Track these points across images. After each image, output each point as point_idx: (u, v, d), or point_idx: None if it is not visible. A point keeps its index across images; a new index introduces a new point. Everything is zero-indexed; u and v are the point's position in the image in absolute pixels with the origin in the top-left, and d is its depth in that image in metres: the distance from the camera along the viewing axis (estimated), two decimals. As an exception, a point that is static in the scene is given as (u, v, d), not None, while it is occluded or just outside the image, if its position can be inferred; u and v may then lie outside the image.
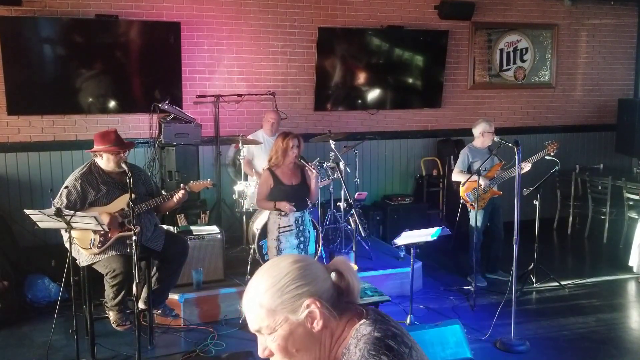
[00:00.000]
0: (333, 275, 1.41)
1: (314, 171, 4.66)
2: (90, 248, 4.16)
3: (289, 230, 4.67)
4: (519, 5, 7.80)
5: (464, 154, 5.85)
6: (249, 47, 6.67)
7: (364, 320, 1.34)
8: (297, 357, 1.34)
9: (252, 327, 1.36)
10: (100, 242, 4.15)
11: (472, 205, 5.68)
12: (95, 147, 4.21)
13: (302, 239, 4.71)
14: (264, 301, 1.33)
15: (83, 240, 4.15)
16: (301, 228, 4.72)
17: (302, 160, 4.67)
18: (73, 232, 3.99)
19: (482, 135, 5.79)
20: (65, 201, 4.10)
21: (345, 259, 1.46)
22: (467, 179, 5.61)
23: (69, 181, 4.20)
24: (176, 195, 4.32)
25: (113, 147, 4.19)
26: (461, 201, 5.85)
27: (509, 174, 5.63)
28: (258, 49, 6.70)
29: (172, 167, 5.85)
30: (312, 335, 1.33)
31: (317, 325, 1.32)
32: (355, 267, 1.54)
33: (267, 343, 1.35)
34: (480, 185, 5.48)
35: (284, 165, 4.67)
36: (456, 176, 5.84)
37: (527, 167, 5.61)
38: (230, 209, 6.42)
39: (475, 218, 5.66)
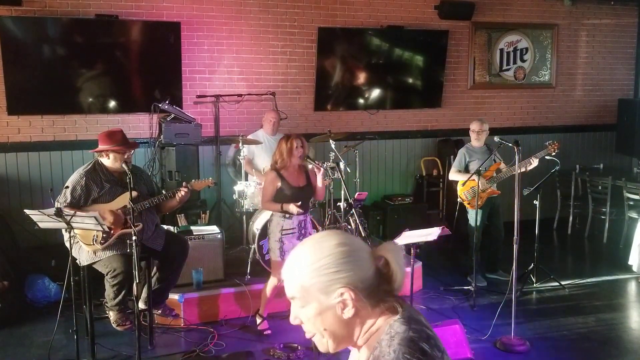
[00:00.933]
0: (379, 260, 1.37)
1: (321, 168, 4.64)
2: (93, 244, 4.16)
3: (292, 233, 4.66)
4: (519, 5, 7.80)
5: (461, 153, 5.88)
6: (249, 47, 6.67)
7: (399, 317, 1.32)
8: (325, 334, 1.35)
9: (287, 293, 1.39)
10: (103, 239, 4.16)
11: (469, 204, 5.70)
12: (102, 147, 4.22)
13: (304, 239, 4.70)
14: (301, 276, 1.34)
15: (86, 236, 4.15)
16: (303, 231, 4.71)
17: (308, 159, 4.66)
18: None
19: (471, 133, 5.86)
20: (69, 197, 4.11)
21: (396, 246, 1.40)
22: (468, 179, 5.61)
23: (73, 179, 4.22)
24: (178, 193, 4.33)
25: (120, 146, 4.21)
26: (458, 200, 5.86)
27: (510, 172, 5.63)
28: (258, 49, 6.71)
29: (172, 167, 5.85)
30: (341, 320, 1.33)
31: (348, 313, 1.32)
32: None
33: (299, 313, 1.38)
34: (478, 185, 5.48)
35: (291, 166, 4.65)
36: (453, 176, 5.86)
37: (535, 162, 5.60)
38: (230, 209, 6.42)
39: (475, 218, 5.65)
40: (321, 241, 1.37)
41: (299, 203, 4.55)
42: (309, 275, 1.33)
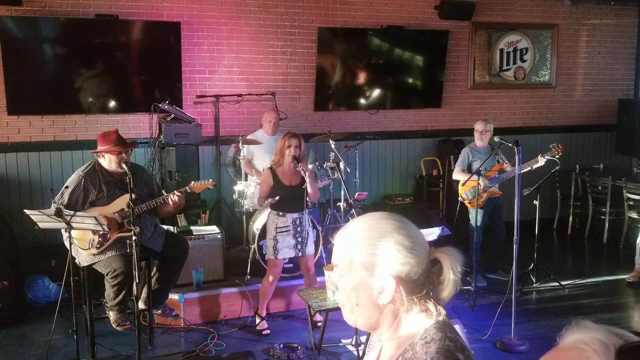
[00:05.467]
0: (434, 262, 1.34)
1: (305, 172, 4.63)
2: (89, 249, 4.16)
3: (286, 231, 4.67)
4: (519, 5, 7.80)
5: (464, 153, 5.88)
6: (249, 47, 6.67)
7: (435, 322, 1.30)
8: (355, 309, 1.35)
9: (332, 259, 1.38)
10: (99, 243, 4.15)
11: (469, 203, 5.70)
12: (98, 148, 4.22)
13: (299, 239, 4.71)
14: (351, 247, 1.33)
15: (82, 240, 4.15)
16: (299, 229, 4.70)
17: (294, 160, 4.62)
18: (72, 233, 3.99)
19: (475, 133, 5.84)
20: (66, 199, 4.10)
21: (457, 255, 1.34)
22: (468, 179, 5.62)
23: (72, 180, 4.21)
24: (172, 197, 4.23)
25: (114, 147, 4.19)
26: (459, 199, 5.87)
27: (512, 173, 5.64)
28: (258, 49, 6.70)
29: (172, 167, 5.85)
30: (374, 303, 1.32)
31: (383, 299, 1.30)
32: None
33: (337, 281, 1.37)
34: (480, 185, 5.49)
35: (285, 165, 4.66)
36: (456, 175, 5.86)
37: (542, 161, 5.61)
38: (230, 209, 6.42)
39: (475, 218, 5.66)
40: (383, 221, 1.35)
41: (277, 198, 4.57)
42: (359, 250, 1.31)
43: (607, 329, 0.84)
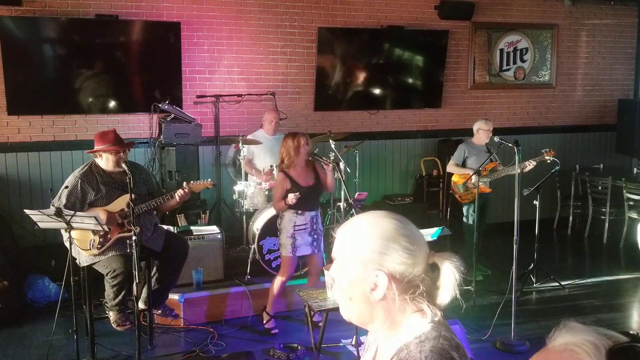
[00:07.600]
0: (432, 266, 1.36)
1: (329, 164, 4.67)
2: (90, 249, 4.15)
3: (304, 229, 4.68)
4: (519, 5, 7.80)
5: (461, 148, 6.03)
6: (249, 47, 6.67)
7: (429, 321, 1.31)
8: (350, 303, 1.36)
9: (332, 253, 1.40)
10: (100, 243, 4.15)
11: (460, 197, 5.89)
12: (95, 147, 4.21)
13: (315, 236, 4.74)
14: (349, 242, 1.35)
15: (82, 241, 4.14)
16: (314, 227, 4.75)
17: (315, 156, 4.68)
18: (73, 233, 3.99)
19: (477, 132, 5.93)
20: (64, 201, 4.09)
21: (456, 263, 1.35)
22: (469, 177, 5.69)
23: (69, 181, 4.20)
24: (178, 192, 4.28)
25: (112, 146, 4.18)
26: (451, 191, 6.02)
27: (504, 172, 5.73)
28: (258, 49, 6.70)
29: (172, 167, 5.85)
30: (368, 299, 1.33)
31: (376, 295, 1.31)
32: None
33: (334, 274, 1.39)
34: (471, 180, 5.64)
35: (298, 164, 4.64)
36: (450, 168, 6.05)
37: (531, 165, 5.68)
38: (230, 209, 6.42)
39: (477, 215, 5.68)
40: (384, 219, 1.37)
41: (297, 193, 4.54)
42: (357, 245, 1.33)
43: (596, 330, 0.85)
